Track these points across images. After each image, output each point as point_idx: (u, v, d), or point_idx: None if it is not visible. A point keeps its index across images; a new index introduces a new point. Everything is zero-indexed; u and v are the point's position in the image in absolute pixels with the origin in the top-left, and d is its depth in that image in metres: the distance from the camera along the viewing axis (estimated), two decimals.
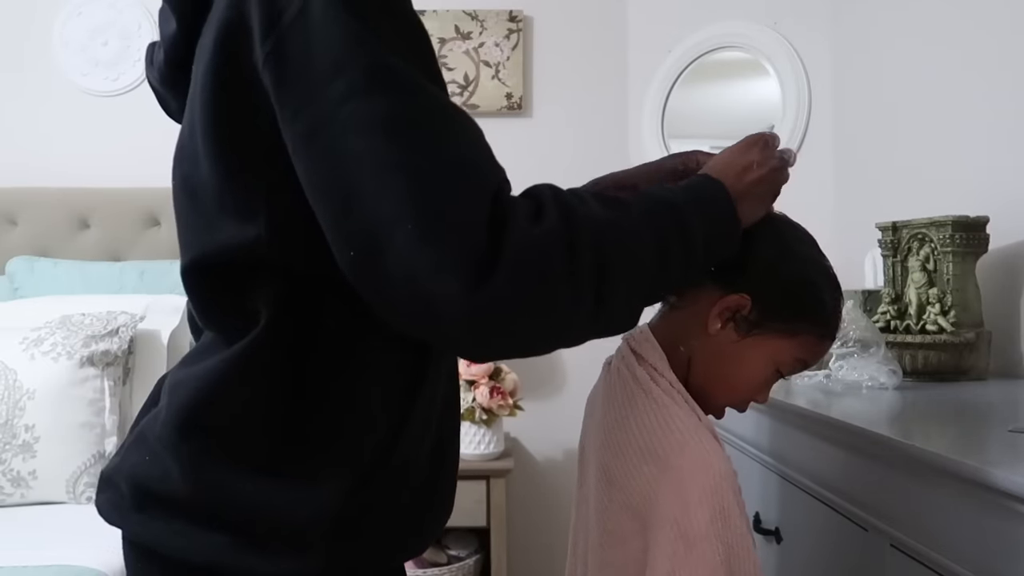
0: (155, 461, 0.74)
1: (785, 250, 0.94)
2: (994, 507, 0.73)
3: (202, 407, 0.73)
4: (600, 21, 2.59)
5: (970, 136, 1.66)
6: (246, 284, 0.71)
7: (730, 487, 0.85)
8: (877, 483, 0.96)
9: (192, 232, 0.75)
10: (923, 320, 1.43)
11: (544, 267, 0.63)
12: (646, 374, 0.93)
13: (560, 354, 2.51)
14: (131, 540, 0.78)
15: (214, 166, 0.70)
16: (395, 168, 0.61)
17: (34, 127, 2.53)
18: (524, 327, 0.65)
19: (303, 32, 0.63)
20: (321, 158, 0.63)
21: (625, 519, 0.88)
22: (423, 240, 0.60)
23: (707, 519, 0.83)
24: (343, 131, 0.62)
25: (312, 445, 0.73)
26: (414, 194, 0.61)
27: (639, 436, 0.89)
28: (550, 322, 0.66)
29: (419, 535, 0.83)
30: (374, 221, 0.61)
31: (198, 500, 0.72)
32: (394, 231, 0.60)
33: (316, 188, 0.64)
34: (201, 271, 0.73)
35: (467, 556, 2.18)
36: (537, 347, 0.70)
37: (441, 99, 0.66)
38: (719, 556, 0.82)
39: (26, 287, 2.23)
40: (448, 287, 0.60)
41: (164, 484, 0.73)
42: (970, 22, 1.67)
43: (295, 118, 0.64)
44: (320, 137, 0.63)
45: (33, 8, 2.54)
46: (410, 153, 0.62)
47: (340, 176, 0.62)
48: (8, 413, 1.74)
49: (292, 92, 0.64)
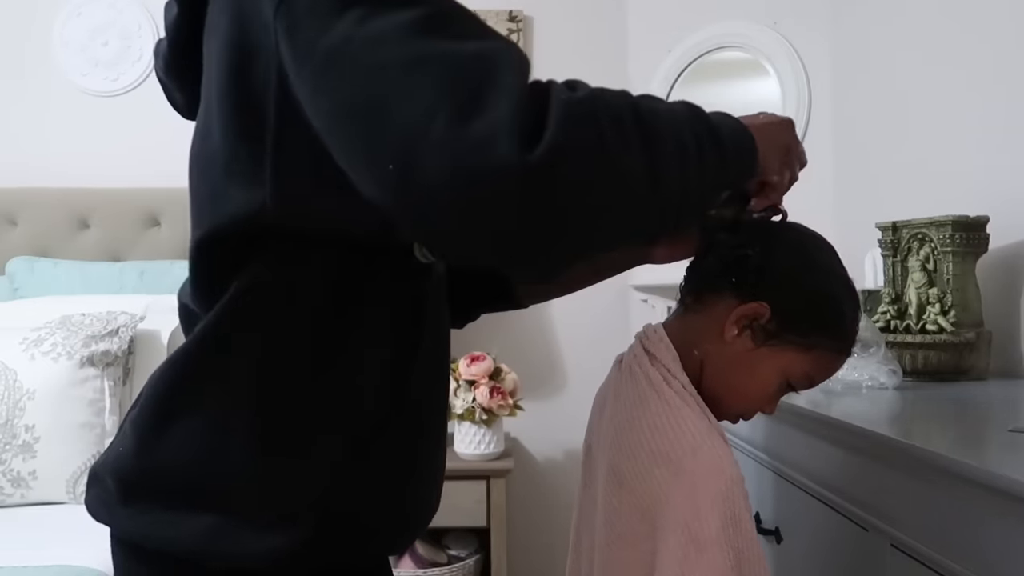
0: (139, 448, 0.74)
1: (808, 260, 0.93)
2: (994, 507, 0.73)
3: (178, 381, 0.73)
4: (600, 21, 2.59)
5: (970, 136, 1.66)
6: (249, 257, 0.71)
7: (740, 492, 0.85)
8: (877, 483, 0.96)
9: (201, 208, 0.75)
10: (923, 320, 1.43)
11: (592, 125, 0.59)
12: (659, 375, 0.92)
13: (560, 354, 2.51)
14: (119, 538, 0.78)
15: (224, 133, 0.70)
16: (422, 63, 0.58)
17: (34, 127, 2.53)
18: (587, 191, 0.59)
19: None
20: (343, 81, 0.60)
21: (635, 521, 0.88)
22: (463, 118, 0.56)
23: (718, 524, 0.82)
24: (363, 47, 0.60)
25: (301, 415, 0.73)
26: (446, 82, 0.57)
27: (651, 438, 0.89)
28: (613, 184, 0.60)
29: (402, 513, 0.83)
30: (411, 119, 0.57)
31: (183, 482, 0.72)
32: (434, 118, 0.56)
33: (340, 118, 0.61)
34: (211, 245, 0.73)
35: (467, 556, 2.18)
36: (603, 221, 0.62)
37: (458, 7, 0.64)
38: (730, 561, 0.82)
39: (26, 287, 2.23)
40: (502, 156, 0.55)
41: (146, 472, 0.73)
42: (970, 24, 1.67)
43: (310, 54, 0.62)
44: (341, 60, 0.60)
45: (33, 8, 2.54)
46: (434, 48, 0.59)
47: (367, 90, 0.59)
48: (8, 413, 1.74)
49: (306, 31, 0.62)
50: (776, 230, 0.93)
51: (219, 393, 0.73)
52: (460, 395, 2.12)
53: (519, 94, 0.57)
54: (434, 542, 2.19)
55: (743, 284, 0.91)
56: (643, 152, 0.61)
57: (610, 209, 0.62)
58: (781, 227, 0.94)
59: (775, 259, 0.91)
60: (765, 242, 0.92)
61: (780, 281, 0.91)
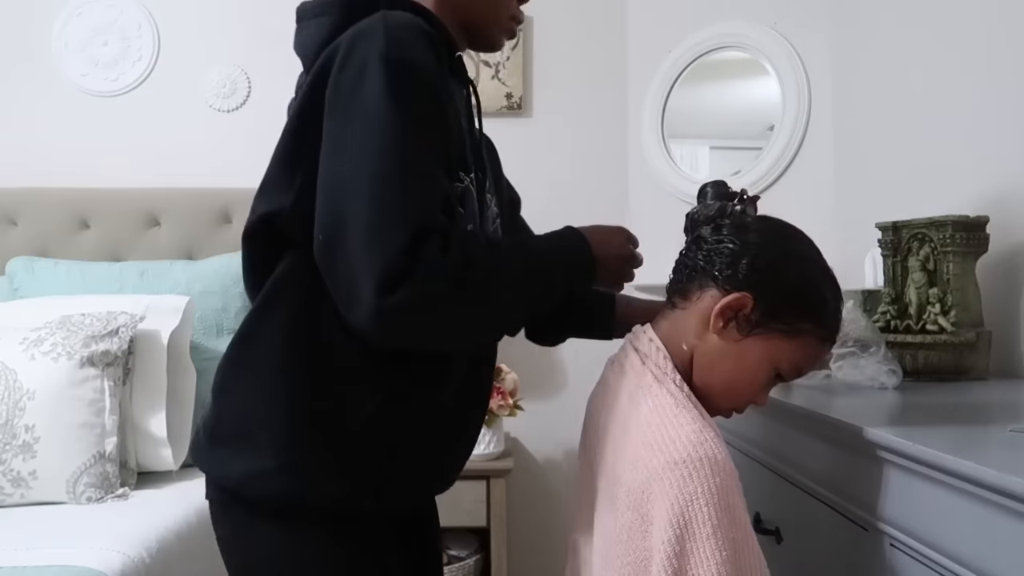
0: (212, 404, 0.99)
1: (787, 250, 0.95)
2: (994, 507, 0.73)
3: (235, 346, 0.99)
4: (600, 21, 2.59)
5: (970, 136, 1.66)
6: (277, 248, 0.96)
7: (734, 485, 0.86)
8: (877, 483, 0.96)
9: (256, 200, 0.98)
10: (923, 320, 1.43)
11: (440, 286, 0.83)
12: (650, 374, 0.93)
13: (560, 354, 2.51)
14: (207, 476, 1.00)
15: (281, 149, 0.96)
16: (365, 198, 0.84)
17: (34, 127, 2.53)
18: (422, 325, 0.86)
19: (355, 82, 0.88)
20: (332, 168, 0.88)
21: (631, 516, 0.88)
22: (366, 250, 0.82)
23: (713, 516, 0.83)
24: (352, 158, 0.86)
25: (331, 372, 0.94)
26: (371, 218, 0.83)
27: (644, 436, 0.90)
28: (442, 324, 0.88)
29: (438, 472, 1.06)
30: (340, 225, 0.85)
31: (224, 423, 0.97)
32: (348, 236, 0.84)
33: (321, 186, 0.88)
34: (257, 230, 0.97)
35: (467, 556, 2.18)
36: (436, 341, 0.92)
37: (425, 166, 0.87)
38: (725, 553, 0.82)
39: (26, 287, 2.22)
40: (366, 289, 0.81)
41: (209, 421, 0.99)
42: (970, 22, 1.67)
43: (328, 136, 0.89)
44: (338, 156, 0.87)
45: (33, 9, 2.54)
46: (381, 192, 0.84)
47: (334, 184, 0.87)
48: (8, 413, 1.74)
49: (333, 120, 0.89)
50: (754, 223, 0.94)
51: (259, 357, 0.96)
52: None
53: (401, 249, 0.82)
54: None
55: (726, 277, 0.93)
56: (475, 301, 0.89)
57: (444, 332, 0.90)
58: (759, 220, 0.95)
59: (755, 251, 0.93)
60: (744, 235, 0.94)
61: (761, 272, 0.93)
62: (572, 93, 2.59)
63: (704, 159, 2.58)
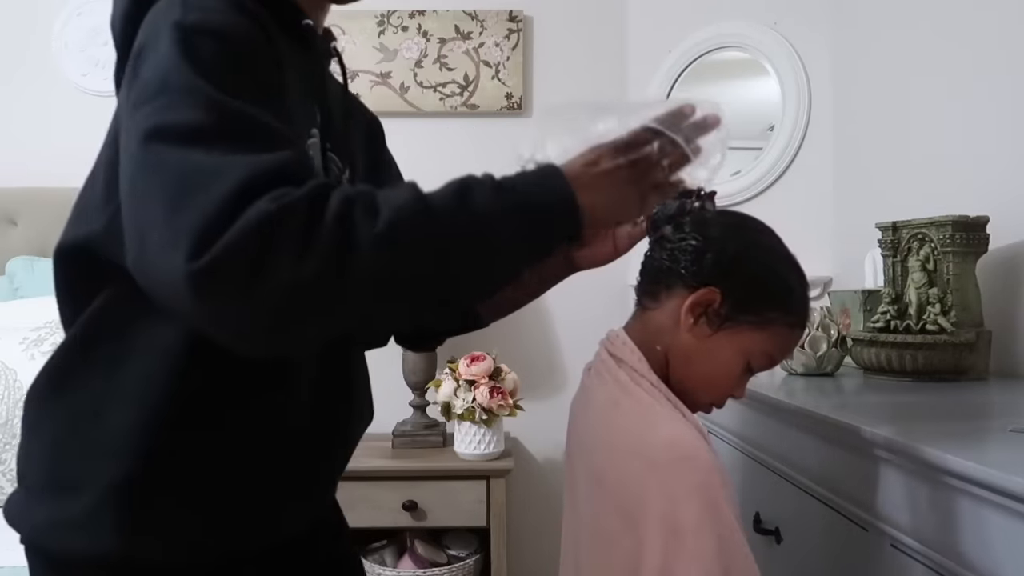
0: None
1: (749, 242, 0.96)
2: (994, 507, 0.73)
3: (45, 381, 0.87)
4: (600, 21, 2.59)
5: (970, 136, 1.66)
6: (94, 277, 0.80)
7: (718, 480, 0.85)
8: (877, 483, 0.96)
9: (69, 222, 0.87)
10: (923, 320, 1.43)
11: (263, 241, 0.59)
12: (627, 376, 0.94)
13: (560, 354, 2.51)
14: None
15: (100, 162, 0.84)
16: (154, 173, 0.64)
17: (34, 127, 2.53)
18: (252, 294, 0.59)
19: (143, 62, 0.71)
20: (123, 162, 0.69)
21: (615, 520, 0.89)
22: (168, 244, 0.60)
23: (696, 513, 0.83)
24: (131, 139, 0.67)
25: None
26: (170, 191, 0.62)
27: (625, 437, 0.90)
28: (277, 289, 0.59)
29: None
30: (138, 223, 0.64)
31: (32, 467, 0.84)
32: (148, 235, 0.63)
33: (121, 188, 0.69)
34: (64, 257, 0.84)
35: (467, 556, 2.18)
36: (272, 320, 0.61)
37: (236, 115, 0.67)
38: (711, 549, 0.82)
39: (26, 287, 2.22)
40: (173, 262, 0.59)
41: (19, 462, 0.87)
42: (970, 22, 1.67)
43: (126, 139, 0.70)
44: (125, 145, 0.69)
45: (33, 9, 2.54)
46: (167, 162, 0.64)
47: (125, 177, 0.68)
48: (8, 413, 1.74)
49: (122, 108, 0.73)
50: (715, 218, 0.95)
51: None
52: (460, 395, 2.12)
53: (210, 213, 0.59)
54: (434, 542, 2.19)
55: (692, 274, 0.94)
56: (328, 256, 0.60)
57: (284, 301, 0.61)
58: (719, 215, 0.95)
59: (718, 245, 0.93)
60: (706, 230, 0.94)
61: (726, 266, 0.93)
62: (572, 93, 2.58)
63: None
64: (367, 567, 2.15)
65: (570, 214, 0.71)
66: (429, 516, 2.08)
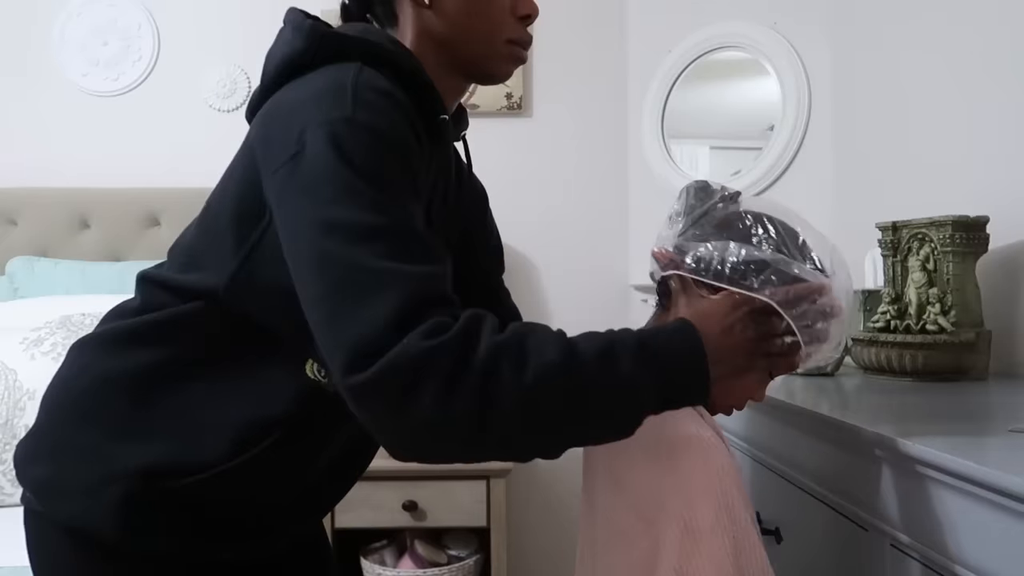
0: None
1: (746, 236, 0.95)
2: (994, 507, 0.73)
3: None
4: (600, 21, 2.59)
5: (971, 136, 1.66)
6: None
7: (733, 482, 0.85)
8: (877, 483, 0.96)
9: (174, 260, 0.97)
10: (923, 320, 1.43)
11: (415, 376, 0.65)
12: None
13: None
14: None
15: (224, 211, 0.87)
16: (324, 268, 0.71)
17: (34, 127, 2.53)
18: (398, 425, 0.68)
19: (298, 167, 0.75)
20: (289, 237, 0.76)
21: (631, 520, 0.88)
22: (331, 351, 0.68)
23: (712, 514, 0.83)
24: (300, 221, 0.74)
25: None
26: (330, 300, 0.70)
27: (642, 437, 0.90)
28: (412, 427, 0.67)
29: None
30: (312, 317, 0.72)
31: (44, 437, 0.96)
32: (317, 332, 0.71)
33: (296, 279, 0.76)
34: (171, 291, 0.94)
35: (467, 556, 2.18)
36: (409, 447, 0.70)
37: (397, 224, 0.73)
38: (726, 550, 0.82)
39: (26, 287, 2.22)
40: (334, 367, 0.68)
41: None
42: (970, 22, 1.67)
43: (295, 233, 0.75)
44: (288, 222, 0.76)
45: (33, 9, 2.54)
46: (334, 260, 0.71)
47: (296, 259, 0.75)
48: (8, 413, 1.74)
49: (281, 211, 0.77)
50: (732, 219, 0.94)
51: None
52: None
53: (375, 326, 0.67)
54: (434, 542, 2.19)
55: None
56: (471, 410, 0.66)
57: (418, 439, 0.69)
58: (736, 216, 0.94)
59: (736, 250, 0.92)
60: (720, 232, 0.93)
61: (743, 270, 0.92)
62: (572, 93, 2.58)
63: (704, 159, 2.58)
64: (367, 567, 2.15)
65: (702, 396, 0.77)
66: (429, 516, 2.08)
